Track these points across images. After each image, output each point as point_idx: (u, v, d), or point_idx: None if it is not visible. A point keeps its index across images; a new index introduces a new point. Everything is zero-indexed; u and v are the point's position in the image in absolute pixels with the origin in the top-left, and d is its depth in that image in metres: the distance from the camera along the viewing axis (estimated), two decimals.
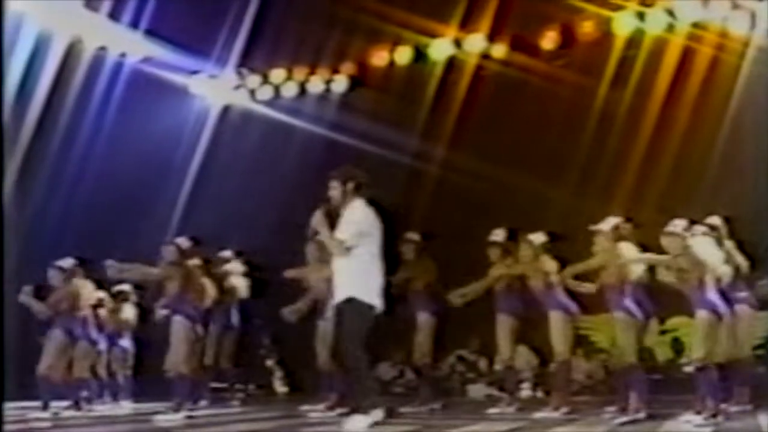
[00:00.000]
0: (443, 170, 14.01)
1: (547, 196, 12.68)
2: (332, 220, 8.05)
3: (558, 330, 9.79)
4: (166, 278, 10.35)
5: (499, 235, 10.58)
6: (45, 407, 10.61)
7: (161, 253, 10.37)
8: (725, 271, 8.77)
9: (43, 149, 13.14)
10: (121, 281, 11.98)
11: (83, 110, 13.54)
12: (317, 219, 7.98)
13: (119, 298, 12.30)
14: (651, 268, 9.12)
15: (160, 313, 10.99)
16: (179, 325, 10.23)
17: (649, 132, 12.77)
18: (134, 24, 13.79)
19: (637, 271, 9.16)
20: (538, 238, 10.00)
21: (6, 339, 11.01)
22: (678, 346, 12.39)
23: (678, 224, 8.67)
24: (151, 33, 13.98)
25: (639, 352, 9.16)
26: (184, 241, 10.53)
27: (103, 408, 11.55)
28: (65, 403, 11.06)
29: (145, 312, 12.10)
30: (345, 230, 7.92)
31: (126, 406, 11.78)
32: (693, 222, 8.85)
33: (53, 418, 10.29)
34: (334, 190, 8.08)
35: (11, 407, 10.27)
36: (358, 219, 7.95)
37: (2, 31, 11.59)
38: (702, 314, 8.44)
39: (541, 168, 13.12)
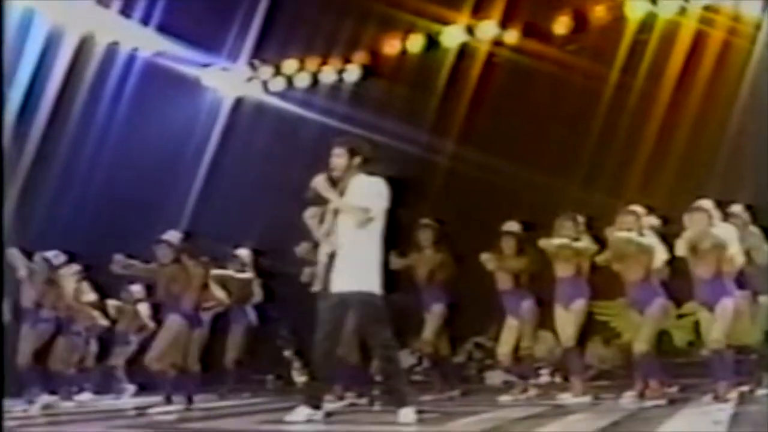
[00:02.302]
0: (455, 158, 14.01)
1: (559, 183, 12.66)
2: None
3: (580, 318, 9.81)
4: (169, 276, 10.40)
5: (513, 226, 10.60)
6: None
7: (155, 251, 10.41)
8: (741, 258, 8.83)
9: (55, 144, 13.18)
10: (131, 280, 12.20)
11: (95, 104, 13.58)
12: (321, 184, 7.78)
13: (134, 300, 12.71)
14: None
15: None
16: (173, 324, 10.33)
17: (661, 116, 12.76)
18: (145, 20, 13.82)
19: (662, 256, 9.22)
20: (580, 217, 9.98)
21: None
22: (695, 330, 12.39)
23: (705, 203, 8.69)
24: (163, 29, 14.00)
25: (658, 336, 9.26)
26: (175, 236, 10.56)
27: (107, 403, 11.72)
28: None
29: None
30: (374, 202, 7.72)
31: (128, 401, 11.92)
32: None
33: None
34: (340, 158, 7.85)
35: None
36: (383, 194, 7.78)
37: (3, 31, 11.64)
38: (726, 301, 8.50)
39: (553, 154, 13.12)
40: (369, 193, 7.77)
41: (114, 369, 13.02)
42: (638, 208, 9.38)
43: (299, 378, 13.41)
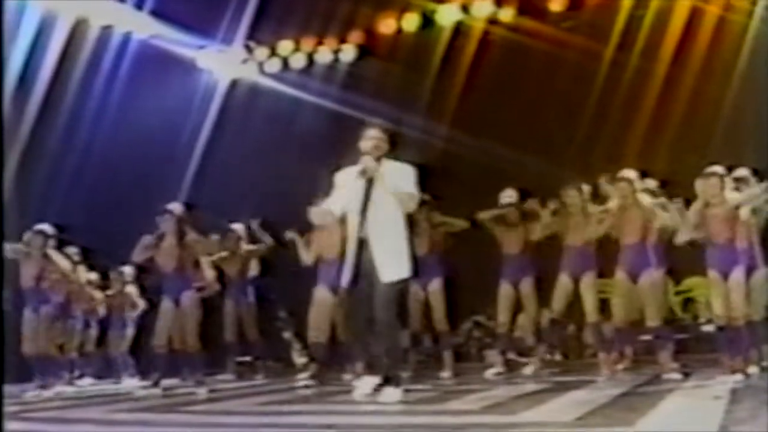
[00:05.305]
0: (450, 136, 14.00)
1: (555, 160, 12.65)
2: None
3: (591, 291, 9.87)
4: (177, 251, 10.39)
5: (512, 196, 10.69)
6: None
7: (158, 223, 10.41)
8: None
9: (50, 127, 13.15)
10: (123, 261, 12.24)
11: (90, 88, 13.54)
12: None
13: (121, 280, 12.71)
14: None
15: None
16: (191, 301, 10.33)
17: (657, 92, 12.75)
18: (139, 4, 13.79)
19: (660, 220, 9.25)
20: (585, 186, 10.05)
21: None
22: (694, 307, 12.43)
23: (717, 168, 8.70)
24: (157, 13, 13.97)
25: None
26: (177, 207, 10.57)
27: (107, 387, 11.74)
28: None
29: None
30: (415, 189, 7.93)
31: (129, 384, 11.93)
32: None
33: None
34: (381, 141, 7.93)
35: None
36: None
37: (3, 14, 11.60)
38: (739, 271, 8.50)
39: (549, 131, 13.13)
40: (409, 181, 7.90)
41: (116, 354, 12.99)
42: (631, 173, 9.42)
43: (299, 359, 13.43)
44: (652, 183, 9.77)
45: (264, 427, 6.72)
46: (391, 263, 7.77)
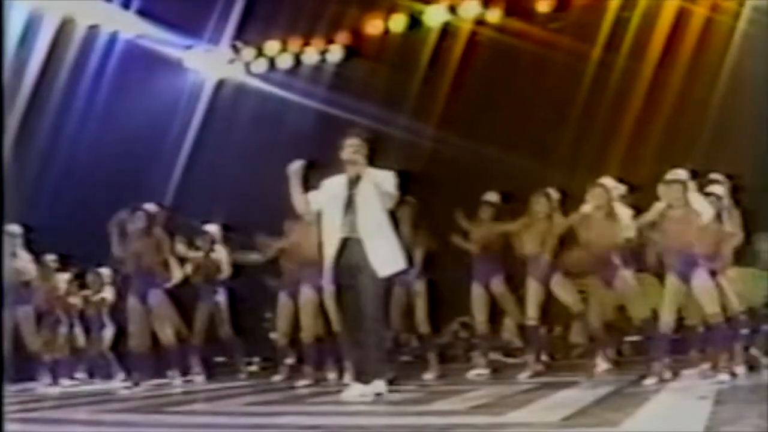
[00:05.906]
0: (437, 137, 14.00)
1: (542, 161, 12.65)
2: None
3: (563, 288, 9.88)
4: (141, 249, 10.44)
5: (492, 196, 10.70)
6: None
7: (132, 220, 10.42)
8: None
9: (35, 126, 13.11)
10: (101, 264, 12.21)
11: (76, 87, 13.52)
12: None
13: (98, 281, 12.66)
14: None
15: None
16: (158, 298, 10.37)
17: (644, 93, 12.77)
18: (126, 4, 13.77)
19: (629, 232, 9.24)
20: (554, 193, 10.04)
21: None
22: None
23: (680, 173, 8.68)
24: (144, 12, 13.94)
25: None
26: (150, 206, 10.57)
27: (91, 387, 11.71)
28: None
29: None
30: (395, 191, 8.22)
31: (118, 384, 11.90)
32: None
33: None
34: (362, 149, 8.17)
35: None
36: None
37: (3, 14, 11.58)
38: (702, 274, 8.49)
39: (536, 132, 13.12)
40: (390, 184, 8.22)
41: (99, 355, 12.94)
42: (608, 181, 9.40)
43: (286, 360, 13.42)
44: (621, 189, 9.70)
45: (250, 428, 6.71)
46: (385, 258, 8.05)
